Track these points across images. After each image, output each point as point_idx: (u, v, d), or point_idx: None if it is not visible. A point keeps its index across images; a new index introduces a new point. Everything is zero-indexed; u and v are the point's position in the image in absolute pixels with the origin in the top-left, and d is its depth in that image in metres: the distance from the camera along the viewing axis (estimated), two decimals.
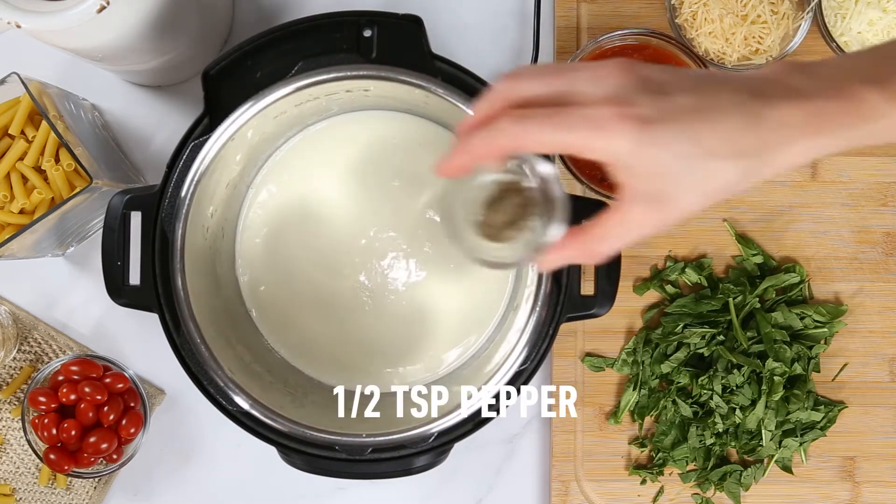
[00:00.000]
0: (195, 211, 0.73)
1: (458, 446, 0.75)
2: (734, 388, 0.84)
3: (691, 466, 0.88)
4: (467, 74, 0.74)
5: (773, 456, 0.87)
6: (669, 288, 0.88)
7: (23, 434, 0.85)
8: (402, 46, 0.73)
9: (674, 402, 0.86)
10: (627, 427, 0.88)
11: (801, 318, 0.86)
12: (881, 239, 0.89)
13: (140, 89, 0.90)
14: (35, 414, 0.85)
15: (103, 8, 0.65)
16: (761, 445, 0.85)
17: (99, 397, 0.84)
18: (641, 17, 0.88)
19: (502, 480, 0.90)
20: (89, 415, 0.83)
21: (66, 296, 0.90)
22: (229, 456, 0.90)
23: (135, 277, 0.74)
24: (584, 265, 0.75)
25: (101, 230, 0.74)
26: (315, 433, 0.73)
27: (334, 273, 0.82)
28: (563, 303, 0.74)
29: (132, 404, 0.86)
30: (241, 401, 0.73)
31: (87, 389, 0.83)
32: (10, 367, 0.89)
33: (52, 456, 0.83)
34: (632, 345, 0.88)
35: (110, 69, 0.85)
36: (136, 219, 0.74)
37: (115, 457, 0.85)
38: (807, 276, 0.88)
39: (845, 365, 0.88)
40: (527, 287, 0.76)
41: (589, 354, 0.88)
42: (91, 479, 0.88)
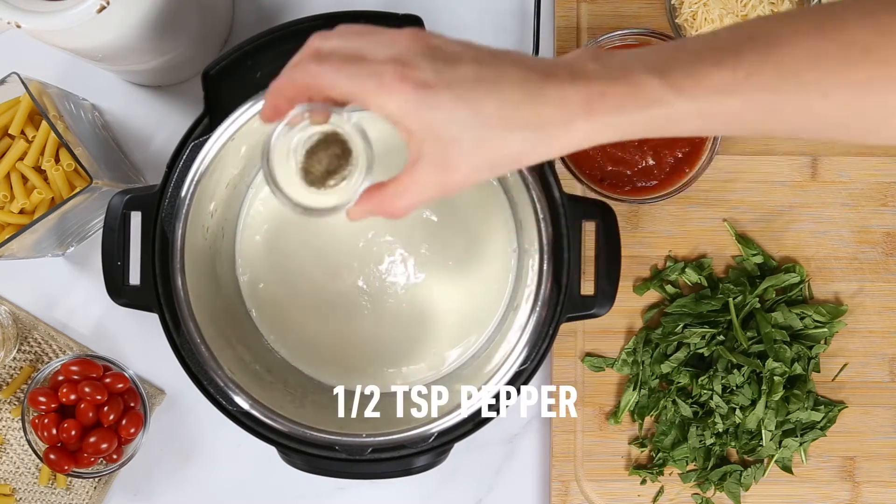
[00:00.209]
0: (195, 211, 0.73)
1: (458, 446, 0.75)
2: (734, 388, 0.84)
3: (691, 466, 0.88)
4: None
5: (773, 456, 0.87)
6: (669, 288, 0.88)
7: (23, 434, 0.85)
8: None
9: (674, 402, 0.86)
10: (627, 427, 0.88)
11: (801, 318, 0.86)
12: (881, 239, 0.89)
13: (140, 89, 0.90)
14: (35, 414, 0.85)
15: (103, 8, 0.65)
16: (761, 445, 0.85)
17: (99, 397, 0.84)
18: (641, 17, 0.88)
19: (502, 480, 0.90)
20: (89, 415, 0.83)
21: (66, 296, 0.90)
22: (229, 456, 0.90)
23: (135, 277, 0.74)
24: (583, 265, 0.75)
25: (101, 230, 0.74)
26: (315, 433, 0.73)
27: (334, 273, 0.82)
28: (563, 303, 0.74)
29: (132, 404, 0.86)
30: (241, 401, 0.73)
31: (87, 389, 0.83)
32: (10, 367, 0.89)
33: (52, 456, 0.83)
34: (632, 345, 0.88)
35: (110, 69, 0.85)
36: (136, 219, 0.74)
37: (115, 457, 0.85)
38: (807, 276, 0.88)
39: (845, 365, 0.88)
40: (527, 287, 0.76)
41: (589, 354, 0.88)
42: (91, 479, 0.88)
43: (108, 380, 0.85)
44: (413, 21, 0.73)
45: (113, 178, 0.81)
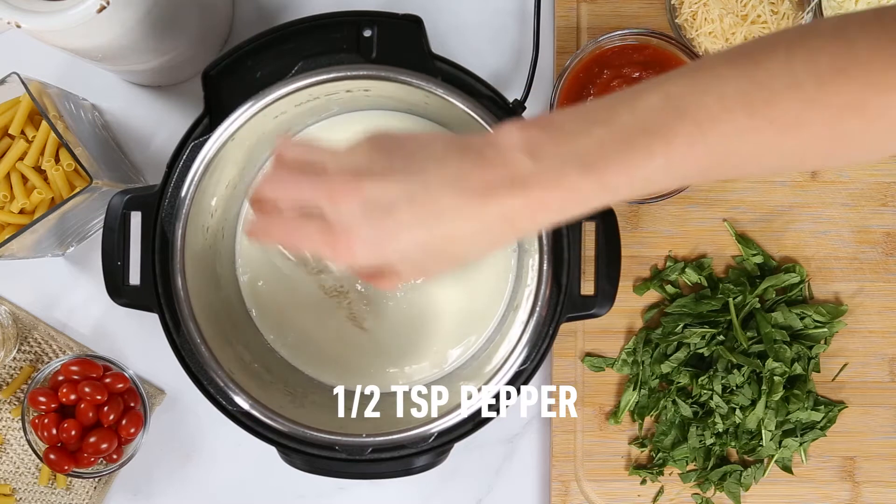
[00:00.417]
0: (195, 211, 0.73)
1: (458, 446, 0.75)
2: (734, 388, 0.84)
3: (691, 466, 0.88)
4: (467, 74, 0.74)
5: (773, 456, 0.87)
6: (669, 288, 0.88)
7: (23, 434, 0.85)
8: (402, 46, 0.73)
9: (674, 402, 0.86)
10: (627, 427, 0.88)
11: (801, 318, 0.86)
12: (881, 239, 0.89)
13: (140, 89, 0.90)
14: (35, 414, 0.85)
15: (103, 8, 0.65)
16: (761, 445, 0.85)
17: (99, 397, 0.84)
18: (641, 17, 0.88)
19: (502, 480, 0.90)
20: (89, 415, 0.83)
21: (66, 296, 0.90)
22: (229, 456, 0.90)
23: (135, 277, 0.74)
24: (583, 265, 0.75)
25: (101, 230, 0.74)
26: (315, 433, 0.73)
27: (334, 273, 0.82)
28: (563, 303, 0.74)
29: (132, 404, 0.86)
30: (241, 401, 0.73)
31: (87, 389, 0.83)
32: (10, 367, 0.89)
33: (52, 456, 0.83)
34: (632, 345, 0.88)
35: (110, 69, 0.85)
36: (136, 219, 0.74)
37: (115, 457, 0.85)
38: (807, 276, 0.88)
39: (845, 365, 0.88)
40: (527, 287, 0.76)
41: (589, 354, 0.88)
42: (91, 479, 0.88)
43: (108, 380, 0.85)
44: (413, 21, 0.73)
45: (113, 178, 0.81)
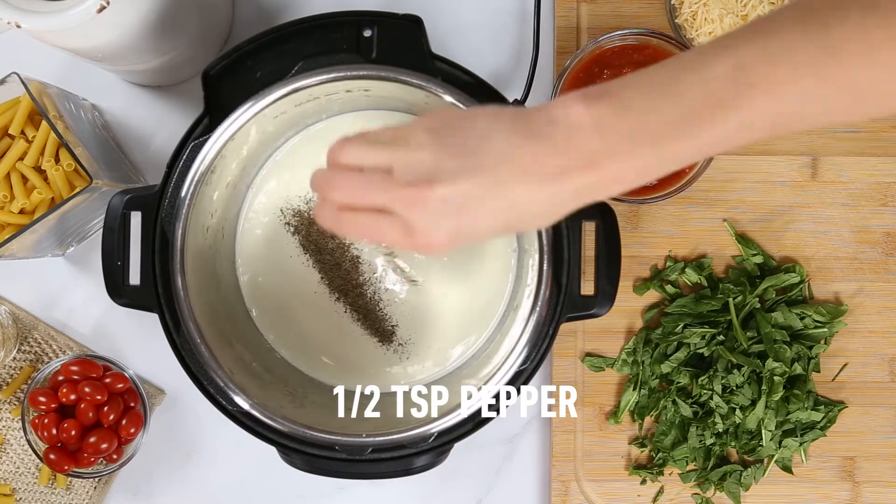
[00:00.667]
0: (195, 211, 0.73)
1: (458, 446, 0.75)
2: (734, 388, 0.84)
3: (691, 466, 0.88)
4: (467, 74, 0.74)
5: (773, 456, 0.87)
6: (669, 288, 0.88)
7: (23, 434, 0.85)
8: (402, 46, 0.73)
9: (674, 402, 0.86)
10: (627, 427, 0.88)
11: (801, 318, 0.86)
12: (881, 239, 0.89)
13: (140, 89, 0.90)
14: (35, 414, 0.85)
15: (103, 8, 0.65)
16: (761, 445, 0.85)
17: (99, 397, 0.84)
18: (641, 17, 0.88)
19: (502, 480, 0.90)
20: (89, 415, 0.83)
21: (66, 296, 0.90)
22: (229, 456, 0.90)
23: (135, 277, 0.74)
24: (583, 265, 0.75)
25: (101, 230, 0.74)
26: (315, 433, 0.73)
27: (334, 273, 0.82)
28: (563, 303, 0.74)
29: (132, 404, 0.86)
30: (241, 401, 0.73)
31: (87, 389, 0.83)
32: (10, 367, 0.89)
33: (52, 456, 0.83)
34: (632, 345, 0.88)
35: (110, 69, 0.85)
36: (136, 219, 0.74)
37: (115, 457, 0.85)
38: (807, 276, 0.88)
39: (845, 365, 0.88)
40: (527, 287, 0.76)
41: (589, 354, 0.88)
42: (91, 479, 0.88)
43: (108, 380, 0.85)
44: (413, 21, 0.73)
45: (113, 178, 0.81)
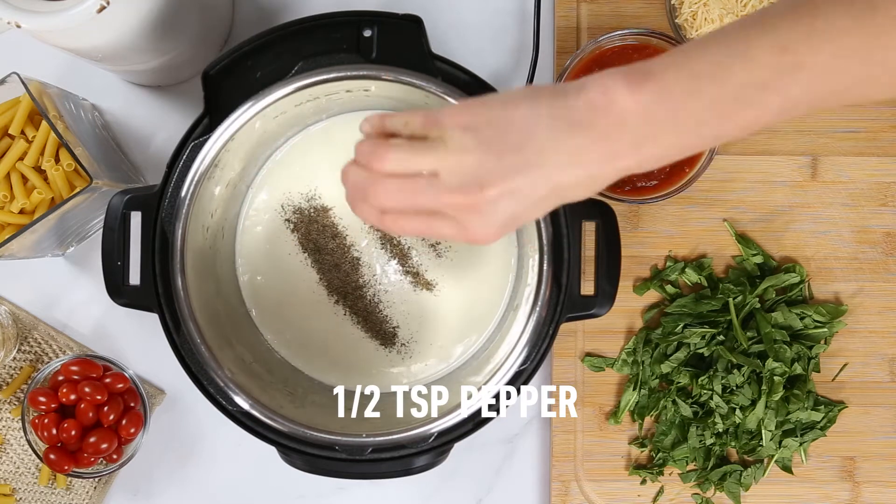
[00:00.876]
0: (195, 211, 0.73)
1: (458, 446, 0.75)
2: (734, 388, 0.84)
3: (691, 466, 0.88)
4: (467, 74, 0.74)
5: (773, 456, 0.87)
6: (669, 288, 0.88)
7: (23, 434, 0.85)
8: (402, 46, 0.73)
9: (674, 402, 0.86)
10: (627, 427, 0.88)
11: (801, 318, 0.86)
12: (881, 239, 0.89)
13: (140, 89, 0.90)
14: (35, 414, 0.85)
15: (103, 8, 0.65)
16: (761, 445, 0.85)
17: (99, 397, 0.84)
18: (641, 17, 0.88)
19: (502, 480, 0.90)
20: (89, 415, 0.83)
21: (66, 296, 0.90)
22: (229, 456, 0.90)
23: (135, 277, 0.74)
24: (583, 265, 0.75)
25: (101, 230, 0.74)
26: (315, 433, 0.73)
27: (334, 273, 0.82)
28: (563, 303, 0.74)
29: (132, 404, 0.86)
30: (241, 401, 0.73)
31: (87, 389, 0.83)
32: (10, 367, 0.89)
33: (52, 456, 0.83)
34: (632, 345, 0.88)
35: (110, 69, 0.85)
36: (136, 219, 0.74)
37: (115, 457, 0.85)
38: (807, 276, 0.88)
39: (845, 365, 0.88)
40: (527, 287, 0.76)
41: (589, 354, 0.88)
42: (91, 479, 0.88)
43: (108, 380, 0.85)
44: (413, 21, 0.73)
45: (113, 178, 0.81)
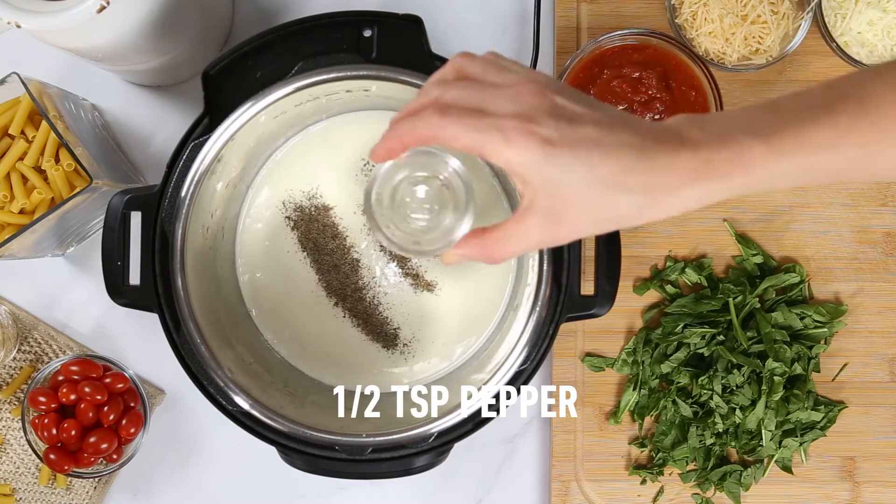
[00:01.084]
0: (195, 211, 0.74)
1: (458, 446, 0.75)
2: (734, 388, 0.84)
3: (691, 466, 0.88)
4: None
5: (773, 456, 0.87)
6: (669, 288, 0.88)
7: (23, 434, 0.85)
8: (403, 46, 0.73)
9: (674, 402, 0.86)
10: (627, 427, 0.88)
11: (801, 318, 0.86)
12: (881, 239, 0.89)
13: (140, 89, 0.90)
14: (35, 414, 0.85)
15: (103, 8, 0.65)
16: (761, 445, 0.85)
17: (99, 397, 0.84)
18: (641, 17, 0.88)
19: (502, 480, 0.90)
20: (89, 415, 0.83)
21: (66, 296, 0.90)
22: (229, 456, 0.90)
23: (135, 277, 0.74)
24: (583, 265, 0.75)
25: (101, 230, 0.74)
26: (315, 433, 0.73)
27: (334, 274, 0.82)
28: (563, 303, 0.74)
29: (132, 404, 0.86)
30: (241, 401, 0.73)
31: (87, 389, 0.83)
32: (10, 367, 0.89)
33: (52, 456, 0.83)
34: (632, 345, 0.88)
35: (110, 69, 0.85)
36: (136, 219, 0.74)
37: (115, 457, 0.85)
38: (807, 276, 0.88)
39: (845, 365, 0.88)
40: (527, 287, 0.76)
41: (589, 354, 0.88)
42: (91, 479, 0.88)
43: (108, 380, 0.85)
44: (413, 21, 0.73)
45: (113, 178, 0.81)
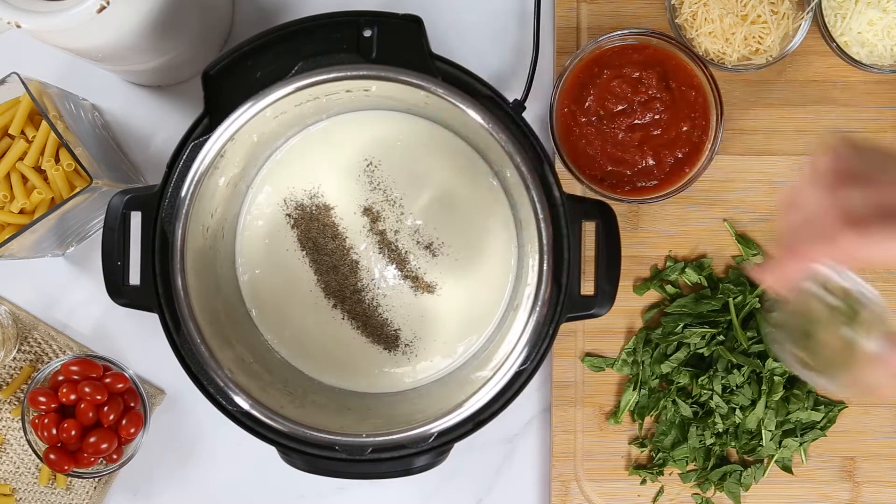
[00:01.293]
0: (195, 211, 0.73)
1: (458, 446, 0.75)
2: (734, 388, 0.84)
3: (691, 466, 0.88)
4: (467, 74, 0.74)
5: (773, 456, 0.87)
6: (669, 288, 0.88)
7: (23, 434, 0.86)
8: (402, 46, 0.73)
9: (674, 402, 0.86)
10: (627, 427, 0.88)
11: None
12: None
13: (140, 89, 0.90)
14: (35, 414, 0.85)
15: (103, 8, 0.65)
16: (761, 445, 0.85)
17: (99, 397, 0.84)
18: (641, 17, 0.88)
19: (502, 480, 0.90)
20: (89, 415, 0.83)
21: (66, 296, 0.90)
22: (229, 456, 0.90)
23: (135, 277, 0.74)
24: (583, 265, 0.75)
25: (101, 230, 0.74)
26: (315, 433, 0.73)
27: (335, 274, 0.82)
28: (563, 303, 0.74)
29: (132, 404, 0.86)
30: (241, 401, 0.73)
31: (87, 389, 0.83)
32: (10, 367, 0.89)
33: (52, 456, 0.83)
34: (632, 345, 0.88)
35: (110, 69, 0.85)
36: (136, 219, 0.74)
37: (115, 457, 0.85)
38: None
39: None
40: (527, 287, 0.76)
41: (589, 354, 0.88)
42: (91, 479, 0.88)
43: (108, 380, 0.85)
44: (413, 21, 0.73)
45: (113, 178, 0.81)
